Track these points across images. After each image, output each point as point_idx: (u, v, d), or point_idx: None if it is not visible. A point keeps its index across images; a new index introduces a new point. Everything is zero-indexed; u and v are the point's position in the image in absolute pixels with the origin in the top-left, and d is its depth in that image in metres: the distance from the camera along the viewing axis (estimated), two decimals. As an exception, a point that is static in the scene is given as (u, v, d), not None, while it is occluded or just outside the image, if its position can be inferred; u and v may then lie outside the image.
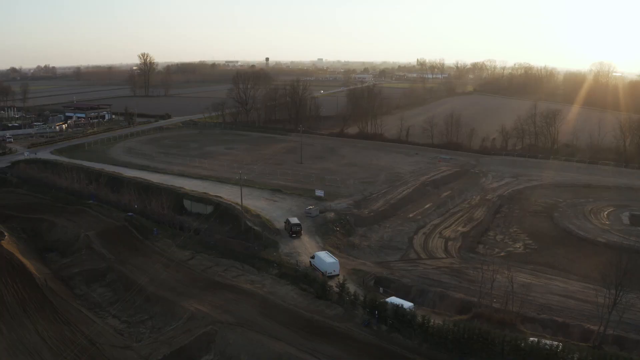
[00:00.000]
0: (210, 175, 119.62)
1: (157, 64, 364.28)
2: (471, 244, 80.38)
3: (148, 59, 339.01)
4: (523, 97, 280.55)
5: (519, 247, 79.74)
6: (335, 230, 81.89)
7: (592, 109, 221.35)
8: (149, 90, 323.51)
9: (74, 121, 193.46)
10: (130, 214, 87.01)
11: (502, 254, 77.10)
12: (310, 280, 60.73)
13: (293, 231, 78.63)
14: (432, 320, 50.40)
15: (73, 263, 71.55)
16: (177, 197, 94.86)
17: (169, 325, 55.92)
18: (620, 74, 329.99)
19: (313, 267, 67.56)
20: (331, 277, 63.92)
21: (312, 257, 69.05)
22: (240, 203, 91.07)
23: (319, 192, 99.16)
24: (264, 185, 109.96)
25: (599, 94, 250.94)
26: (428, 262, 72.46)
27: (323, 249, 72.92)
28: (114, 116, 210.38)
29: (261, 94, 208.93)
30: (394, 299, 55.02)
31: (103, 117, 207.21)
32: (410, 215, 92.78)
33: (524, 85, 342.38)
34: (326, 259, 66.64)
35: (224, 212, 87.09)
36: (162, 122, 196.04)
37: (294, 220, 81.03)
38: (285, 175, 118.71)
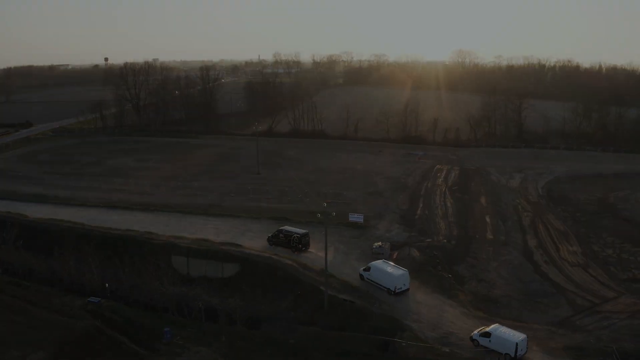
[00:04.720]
0: (155, 203, 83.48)
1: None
2: (605, 268, 60.30)
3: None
4: (400, 87, 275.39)
5: (652, 264, 61.72)
6: (447, 278, 54.55)
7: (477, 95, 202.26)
8: None
9: None
10: (93, 298, 48.52)
11: (651, 277, 58.36)
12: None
13: (302, 243, 60.00)
14: None
15: None
16: (152, 250, 57.55)
17: None
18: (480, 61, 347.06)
19: (369, 283, 52.28)
20: (400, 293, 49.90)
21: (367, 270, 53.04)
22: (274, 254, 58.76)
23: (356, 217, 70.27)
24: (251, 212, 77.34)
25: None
26: (610, 309, 50.20)
27: (463, 317, 46.17)
28: None
29: (151, 90, 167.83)
30: (497, 329, 42.07)
31: None
32: (490, 237, 69.28)
33: (391, 75, 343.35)
34: (391, 270, 51.40)
35: (262, 275, 53.34)
36: (24, 132, 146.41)
37: (297, 229, 61.35)
38: (262, 194, 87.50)
